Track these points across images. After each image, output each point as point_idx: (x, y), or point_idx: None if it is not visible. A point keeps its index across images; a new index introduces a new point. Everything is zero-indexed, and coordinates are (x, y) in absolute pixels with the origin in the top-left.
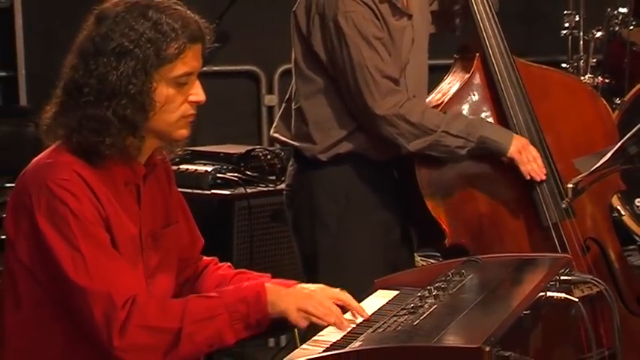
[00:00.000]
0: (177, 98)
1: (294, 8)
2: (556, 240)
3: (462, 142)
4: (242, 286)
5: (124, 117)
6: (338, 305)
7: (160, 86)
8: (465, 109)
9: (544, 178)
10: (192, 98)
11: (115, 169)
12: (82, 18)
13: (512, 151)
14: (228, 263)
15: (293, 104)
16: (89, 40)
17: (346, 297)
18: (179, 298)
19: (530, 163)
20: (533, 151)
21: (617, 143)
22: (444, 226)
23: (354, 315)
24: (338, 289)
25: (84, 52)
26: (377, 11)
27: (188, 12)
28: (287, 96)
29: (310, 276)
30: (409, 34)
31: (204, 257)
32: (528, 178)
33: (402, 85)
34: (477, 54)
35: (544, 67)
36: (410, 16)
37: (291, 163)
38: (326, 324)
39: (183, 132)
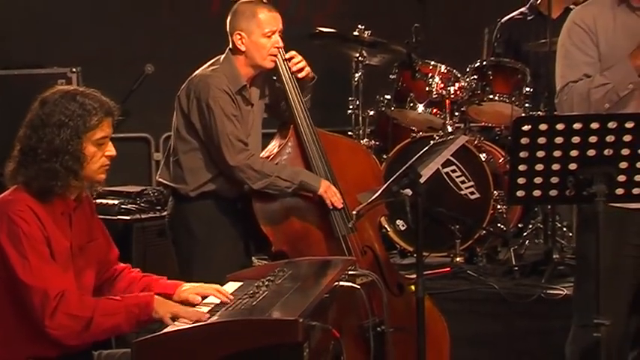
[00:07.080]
0: (98, 154)
1: (178, 93)
2: (344, 247)
3: (288, 184)
4: (140, 294)
5: (68, 167)
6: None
7: (87, 146)
8: (284, 160)
9: (342, 206)
10: (107, 154)
11: (55, 203)
12: (27, 104)
13: (321, 191)
14: (138, 269)
15: (172, 157)
16: (37, 117)
17: (216, 288)
18: (95, 297)
19: (332, 197)
20: (334, 189)
21: (384, 184)
22: (270, 238)
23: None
24: (210, 284)
25: (34, 126)
26: (234, 99)
27: (103, 96)
28: (167, 152)
29: (186, 274)
30: (251, 116)
31: (121, 264)
32: (331, 207)
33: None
34: (292, 125)
35: (335, 134)
36: (252, 105)
37: (170, 199)
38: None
39: (102, 176)
